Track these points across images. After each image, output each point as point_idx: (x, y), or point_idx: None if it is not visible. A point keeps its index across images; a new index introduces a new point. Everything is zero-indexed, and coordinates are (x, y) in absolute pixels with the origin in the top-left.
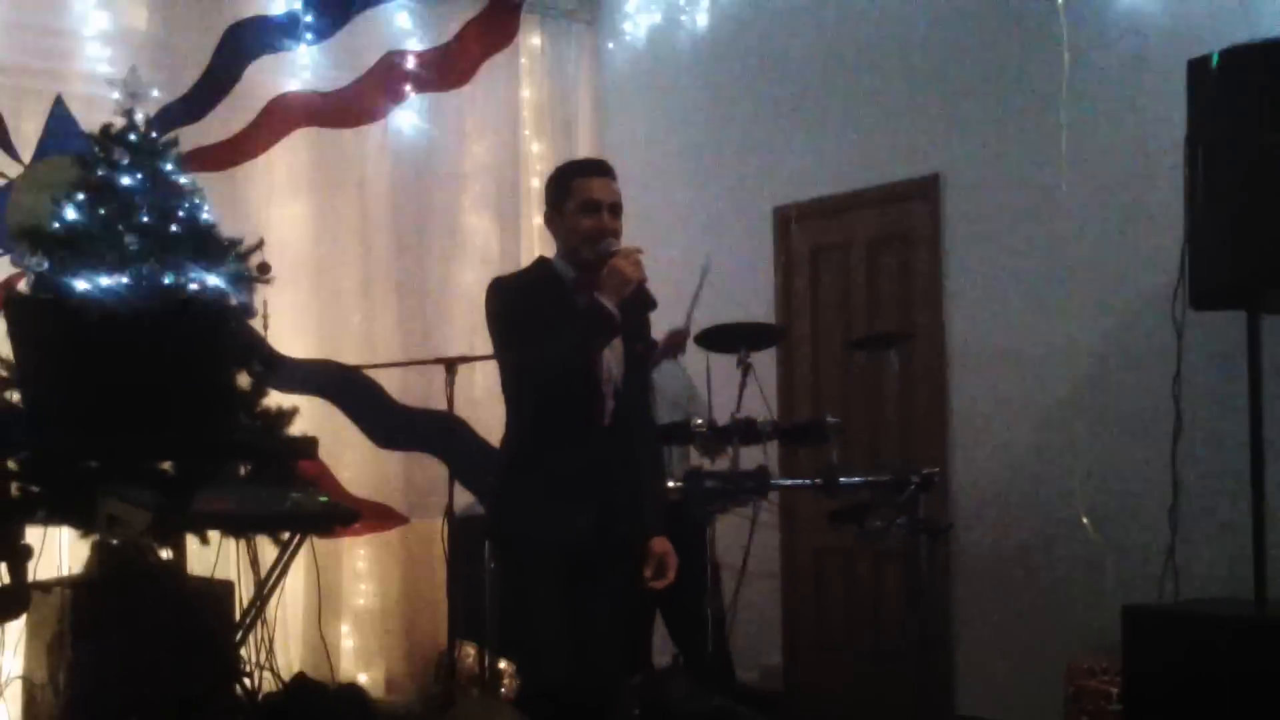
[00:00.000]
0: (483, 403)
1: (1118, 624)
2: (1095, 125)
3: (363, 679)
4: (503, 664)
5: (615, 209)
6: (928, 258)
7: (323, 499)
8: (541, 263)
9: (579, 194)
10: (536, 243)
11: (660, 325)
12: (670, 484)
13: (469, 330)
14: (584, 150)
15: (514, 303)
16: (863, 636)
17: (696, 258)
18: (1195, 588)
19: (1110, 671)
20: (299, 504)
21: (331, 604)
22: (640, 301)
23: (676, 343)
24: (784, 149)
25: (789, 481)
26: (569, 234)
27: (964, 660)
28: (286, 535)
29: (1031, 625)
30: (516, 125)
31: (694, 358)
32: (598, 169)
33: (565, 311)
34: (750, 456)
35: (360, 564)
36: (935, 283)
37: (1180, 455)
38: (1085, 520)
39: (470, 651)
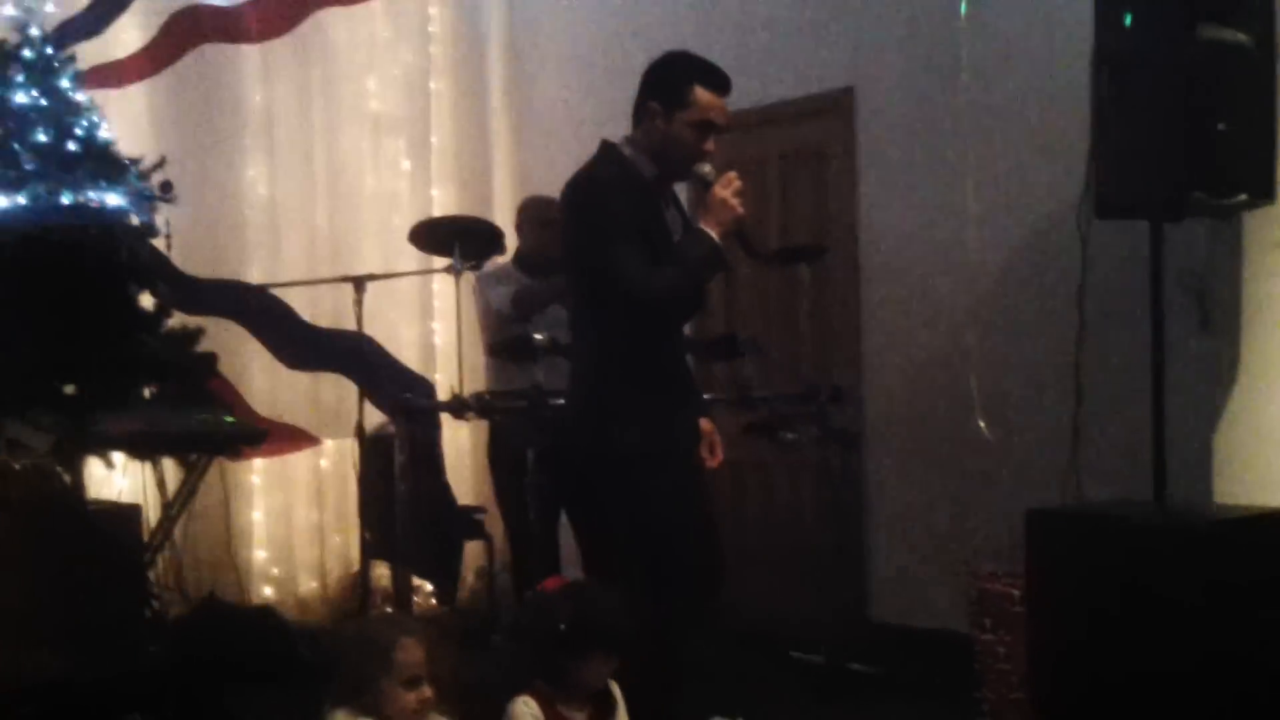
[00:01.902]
0: (396, 322)
1: (1023, 528)
2: (1005, 37)
3: (276, 601)
4: (416, 581)
5: (722, 131)
6: (841, 172)
7: (229, 420)
8: (616, 155)
9: (698, 108)
10: (448, 158)
11: None
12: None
13: (379, 249)
14: (495, 68)
15: (610, 209)
16: (780, 548)
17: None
18: (1097, 491)
19: (1014, 574)
20: (205, 425)
21: (242, 526)
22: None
23: None
24: None
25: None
26: (670, 143)
27: (877, 569)
28: (194, 457)
29: (941, 532)
30: (425, 40)
31: None
32: (724, 84)
33: (656, 220)
34: None
35: (272, 485)
36: (849, 197)
37: (1083, 362)
38: (982, 425)
39: (384, 571)
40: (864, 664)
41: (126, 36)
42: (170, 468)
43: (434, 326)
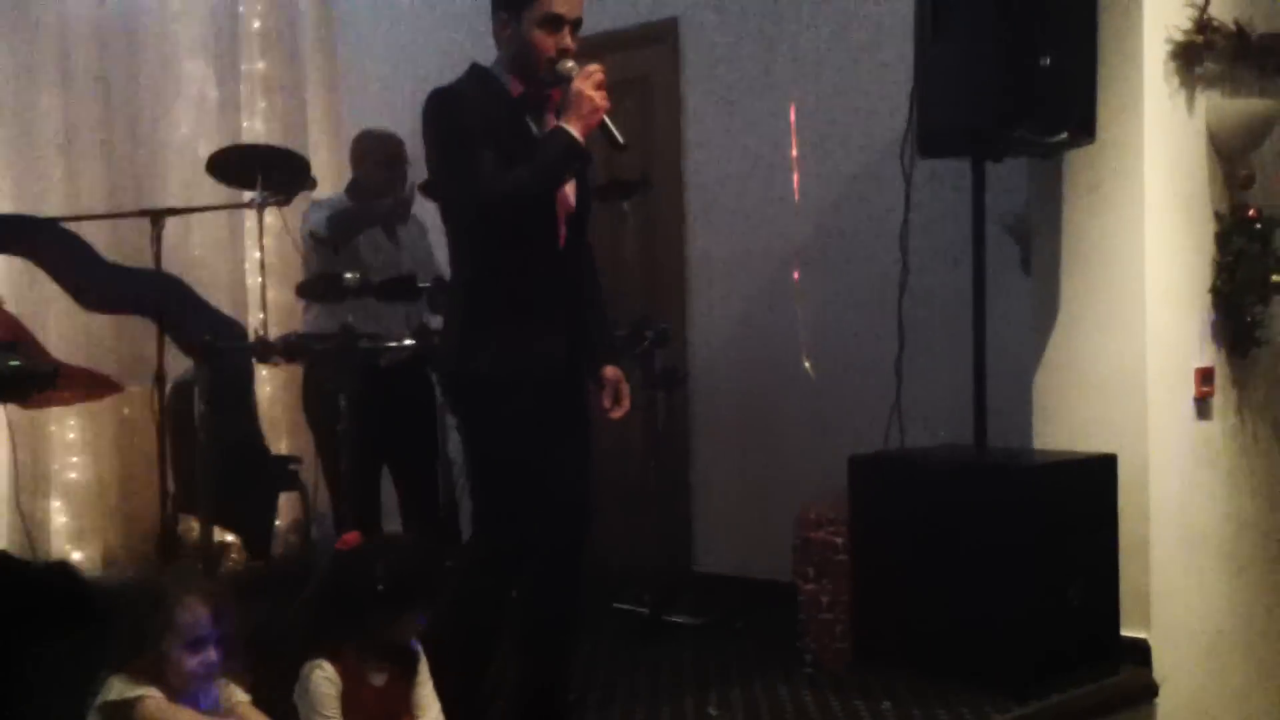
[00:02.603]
0: (204, 260)
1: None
2: None
3: (77, 556)
4: (228, 538)
5: (577, 25)
6: (666, 105)
7: (14, 362)
8: (480, 73)
9: (542, 4)
10: (258, 88)
11: None
12: (404, 341)
13: (183, 184)
14: None
15: (463, 119)
16: (603, 495)
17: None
18: (921, 435)
19: (837, 522)
20: None
21: (39, 479)
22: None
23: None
24: None
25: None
26: (523, 48)
27: (701, 514)
28: None
29: (765, 477)
30: None
31: (419, 209)
32: None
33: (518, 132)
34: None
35: (71, 435)
36: (675, 131)
37: (907, 304)
38: (807, 365)
39: (194, 525)
40: (688, 615)
41: None
42: None
43: (245, 266)
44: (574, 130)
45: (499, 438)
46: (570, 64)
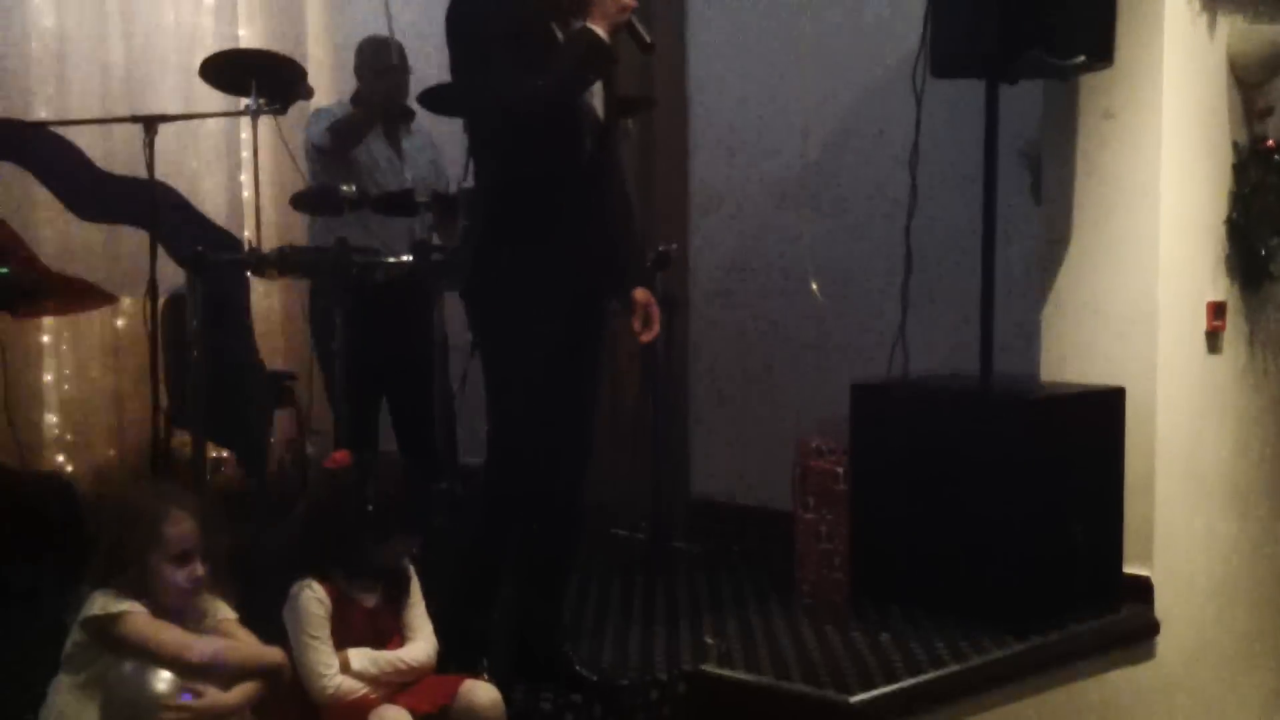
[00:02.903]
0: (199, 171)
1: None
2: None
3: (70, 470)
4: (221, 453)
5: None
6: (669, 23)
7: (3, 270)
8: None
9: None
10: None
11: None
12: (401, 258)
13: (179, 90)
14: None
15: (487, 22)
16: (603, 417)
17: (431, 8)
18: (925, 364)
19: (838, 451)
20: None
21: (31, 388)
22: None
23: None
24: None
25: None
26: None
27: (700, 441)
28: None
29: (767, 406)
30: None
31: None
32: None
33: (544, 37)
34: None
35: (64, 347)
36: (678, 51)
37: (915, 230)
38: (814, 287)
39: (187, 440)
40: (685, 542)
41: None
42: None
43: (241, 179)
44: (599, 30)
45: (515, 354)
46: None
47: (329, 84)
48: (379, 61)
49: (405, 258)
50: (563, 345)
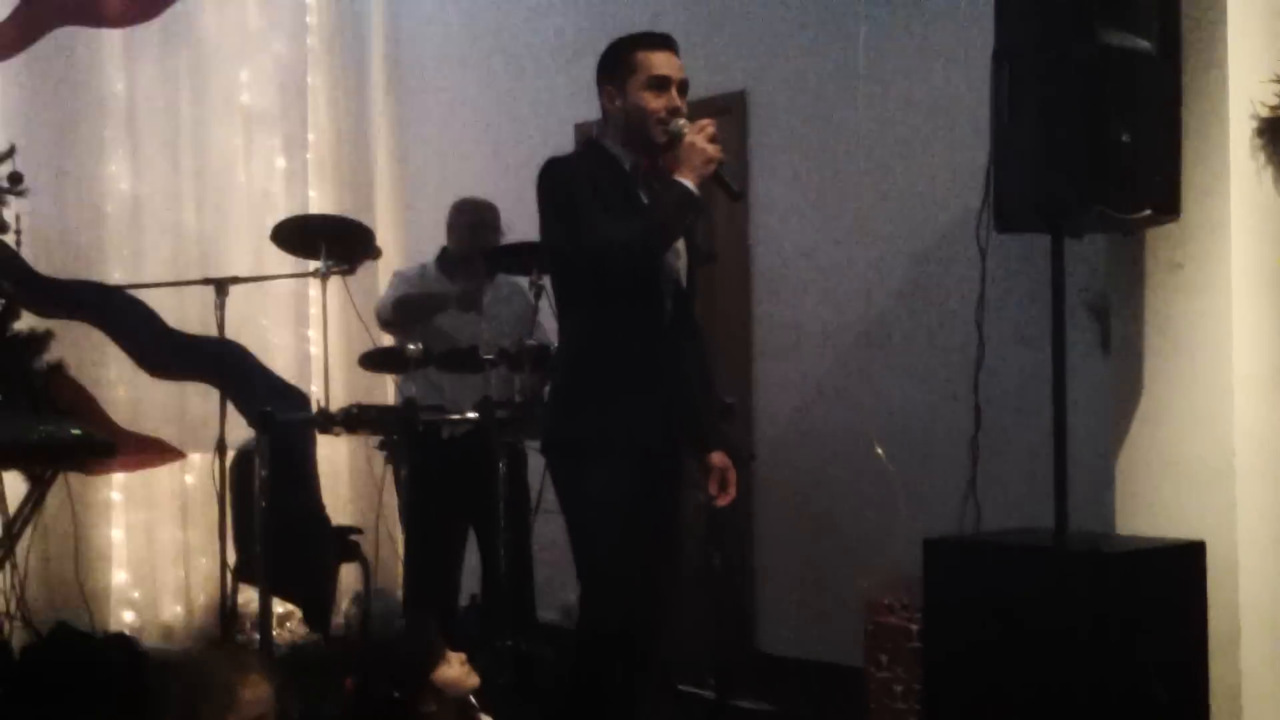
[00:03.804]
0: (269, 329)
1: (919, 557)
2: (904, 41)
3: (136, 627)
4: (281, 608)
5: (684, 87)
6: (733, 177)
7: (76, 431)
8: (595, 145)
9: (645, 69)
10: (325, 158)
11: None
12: (466, 414)
13: (250, 251)
14: (378, 62)
15: (575, 183)
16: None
17: (497, 174)
18: (997, 519)
19: (911, 608)
20: (50, 435)
21: (100, 546)
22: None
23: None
24: (586, 63)
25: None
26: (632, 114)
27: (765, 595)
28: (39, 470)
29: (834, 559)
30: (302, 33)
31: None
32: (664, 41)
33: (631, 202)
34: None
35: (132, 503)
36: (740, 203)
37: (982, 383)
38: (879, 450)
39: (253, 595)
40: (753, 699)
41: None
42: (14, 484)
43: (309, 335)
44: (688, 182)
45: (596, 511)
46: (682, 121)
47: (397, 244)
48: (475, 217)
49: (470, 414)
50: (643, 503)
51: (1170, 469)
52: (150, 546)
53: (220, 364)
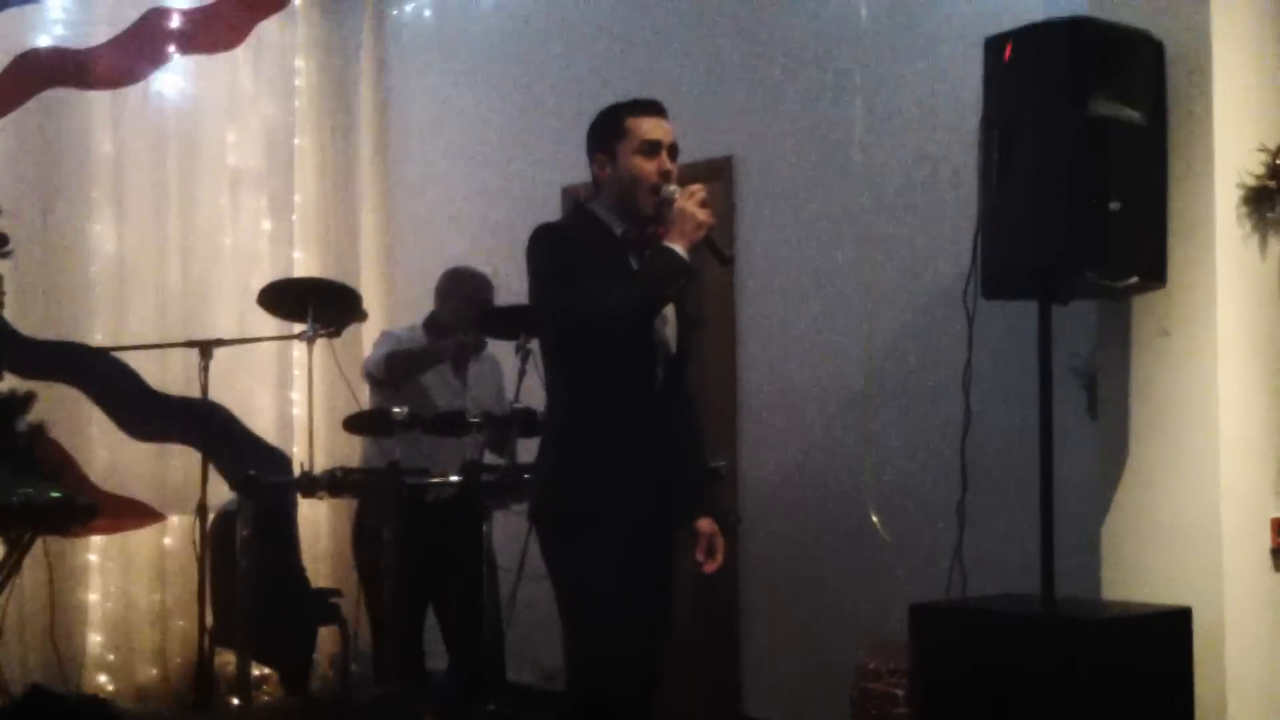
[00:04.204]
0: (252, 391)
1: (906, 622)
2: (891, 107)
3: (112, 689)
4: (258, 670)
5: (674, 151)
6: (719, 243)
7: (55, 494)
8: (583, 211)
9: (636, 134)
10: (310, 221)
11: None
12: (449, 478)
13: (234, 314)
14: (366, 125)
15: (566, 249)
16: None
17: (483, 239)
18: (983, 584)
19: (898, 673)
20: (28, 499)
21: (75, 608)
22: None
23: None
24: (574, 128)
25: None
26: (623, 179)
27: (751, 659)
28: (18, 533)
29: (820, 623)
30: (290, 95)
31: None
32: (653, 107)
33: (621, 269)
34: (530, 449)
35: (110, 564)
36: (727, 268)
37: (969, 448)
38: (875, 519)
39: (231, 658)
40: None
41: None
42: None
43: (293, 396)
44: (678, 247)
45: (585, 578)
46: (673, 187)
47: (383, 307)
48: (470, 291)
49: (454, 477)
50: (632, 571)
51: (1157, 535)
52: (126, 609)
53: (202, 426)
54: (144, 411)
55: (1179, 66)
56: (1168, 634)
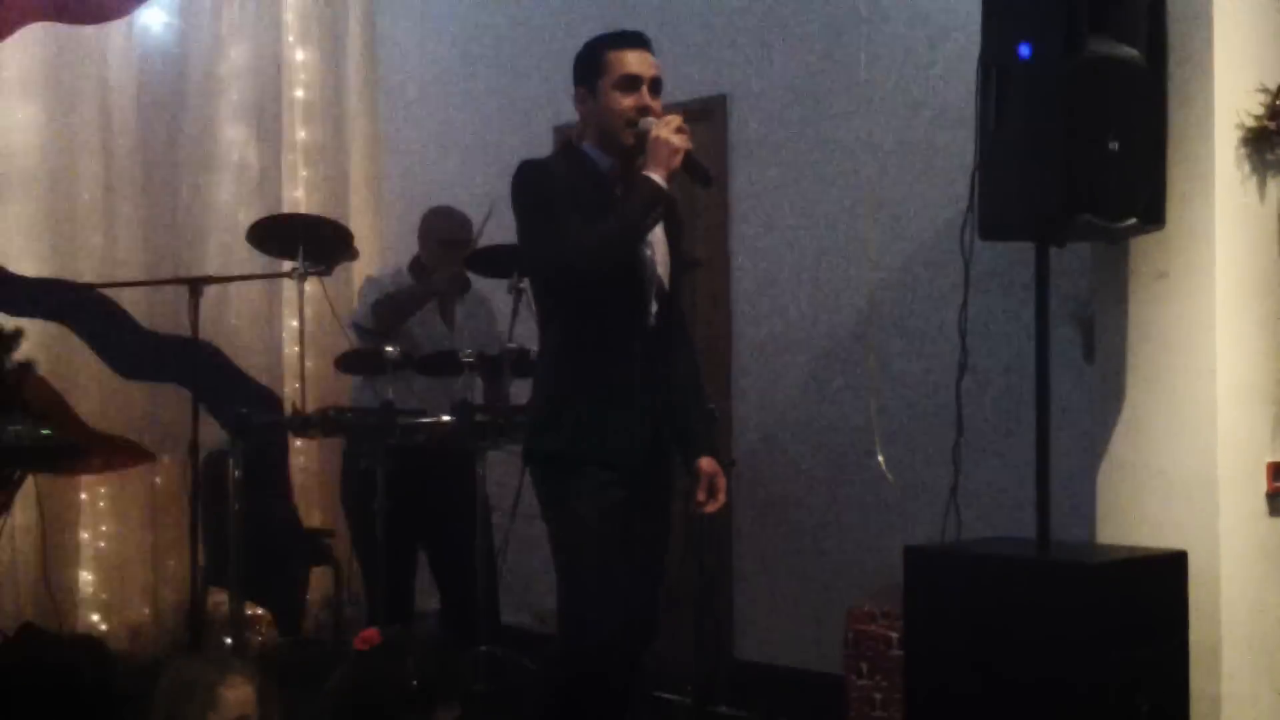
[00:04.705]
0: (241, 329)
1: (900, 565)
2: (888, 47)
3: (104, 629)
4: (257, 611)
5: (656, 85)
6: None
7: (45, 432)
8: (570, 149)
9: (615, 68)
10: (300, 157)
11: None
12: (441, 418)
13: (223, 250)
14: (353, 61)
15: (548, 185)
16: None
17: (473, 179)
18: (979, 527)
19: (892, 615)
20: (17, 437)
21: (67, 548)
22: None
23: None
24: (565, 67)
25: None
26: (604, 114)
27: (743, 604)
28: (8, 472)
29: (814, 567)
30: (279, 29)
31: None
32: (635, 40)
33: (605, 205)
34: (524, 389)
35: (101, 504)
36: (721, 209)
37: (965, 391)
38: (880, 459)
39: (224, 598)
40: (730, 706)
41: None
42: None
43: (283, 336)
44: (656, 176)
45: (574, 519)
46: (650, 119)
47: (369, 245)
48: (447, 233)
49: (446, 417)
50: (623, 515)
51: (1153, 479)
52: (117, 548)
53: (193, 366)
54: (134, 351)
55: (1178, 5)
56: (1163, 578)
